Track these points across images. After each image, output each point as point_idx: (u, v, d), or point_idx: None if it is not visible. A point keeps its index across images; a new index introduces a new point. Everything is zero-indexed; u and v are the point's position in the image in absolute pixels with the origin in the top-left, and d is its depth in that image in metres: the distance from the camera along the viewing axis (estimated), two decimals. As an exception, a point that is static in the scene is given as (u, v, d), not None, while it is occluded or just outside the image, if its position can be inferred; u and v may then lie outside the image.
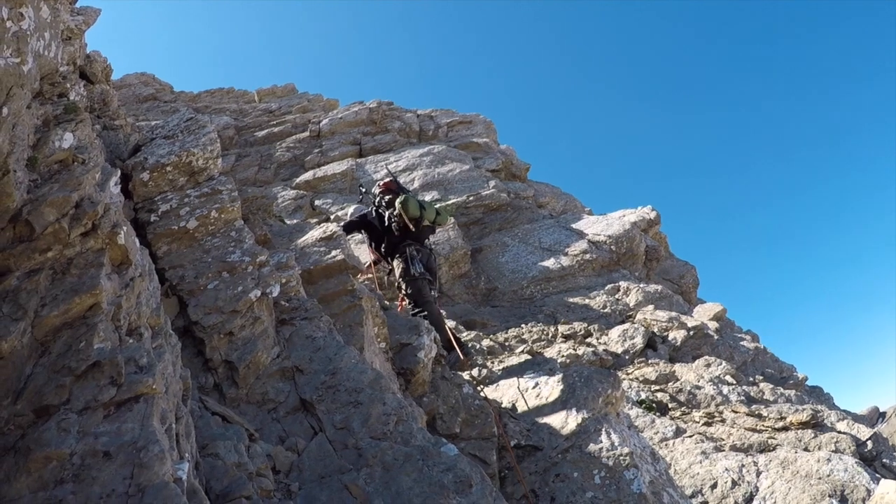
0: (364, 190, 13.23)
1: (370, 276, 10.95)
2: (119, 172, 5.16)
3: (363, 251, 12.02)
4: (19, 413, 3.07)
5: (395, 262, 10.21)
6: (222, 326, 5.53)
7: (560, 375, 7.59)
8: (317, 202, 22.32)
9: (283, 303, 6.33)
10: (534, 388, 7.80)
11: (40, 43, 3.79)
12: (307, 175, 24.55)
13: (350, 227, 10.81)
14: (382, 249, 10.50)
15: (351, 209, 11.95)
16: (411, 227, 10.04)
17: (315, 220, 17.68)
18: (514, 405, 7.68)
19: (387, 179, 11.24)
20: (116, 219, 4.01)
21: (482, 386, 8.42)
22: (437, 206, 10.97)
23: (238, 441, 4.09)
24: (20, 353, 3.19)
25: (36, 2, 3.65)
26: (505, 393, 8.12)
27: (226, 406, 5.05)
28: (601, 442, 6.41)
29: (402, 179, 23.00)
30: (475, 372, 9.44)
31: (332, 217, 20.31)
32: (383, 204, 10.59)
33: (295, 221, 12.29)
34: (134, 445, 2.74)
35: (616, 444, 6.36)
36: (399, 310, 9.64)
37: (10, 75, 3.20)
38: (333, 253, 7.78)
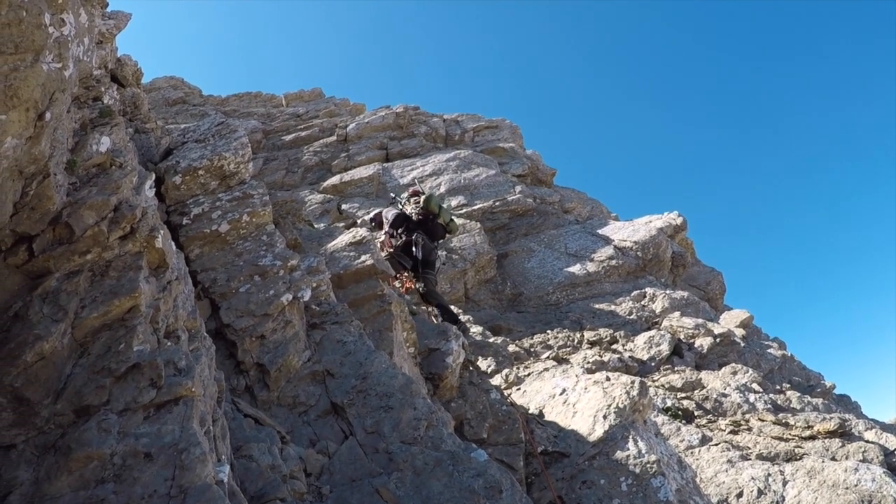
0: (394, 196, 13.94)
1: (405, 284, 11.21)
2: (154, 176, 5.23)
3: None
4: (59, 412, 3.12)
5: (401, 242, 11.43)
6: (254, 329, 5.58)
7: (587, 382, 7.57)
8: (343, 206, 22.34)
9: (314, 307, 6.36)
10: (561, 394, 7.78)
11: (80, 48, 3.84)
12: (334, 179, 24.58)
13: (394, 226, 11.77)
14: (397, 233, 11.64)
15: (374, 212, 13.03)
16: (424, 215, 11.57)
17: (342, 225, 17.73)
18: (541, 411, 7.66)
19: (415, 187, 12.93)
20: (154, 222, 4.07)
21: (509, 392, 8.43)
22: (453, 215, 12.54)
23: (272, 444, 4.12)
24: (60, 353, 3.23)
25: (76, 7, 3.70)
26: (532, 399, 8.10)
27: (257, 408, 5.08)
28: (628, 449, 6.37)
29: (428, 184, 23.00)
30: (502, 377, 9.66)
31: (358, 221, 20.36)
32: (409, 201, 12.03)
33: (322, 225, 12.34)
34: (175, 447, 2.77)
35: (643, 451, 6.33)
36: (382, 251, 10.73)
37: (52, 80, 3.25)
38: (363, 258, 7.81)
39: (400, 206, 12.16)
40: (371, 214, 13.05)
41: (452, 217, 12.18)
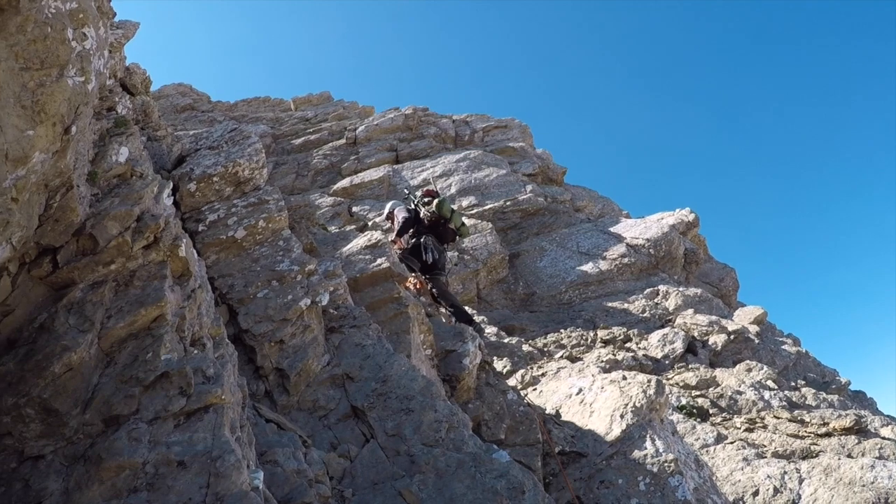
0: (408, 192, 13.96)
1: (415, 285, 11.25)
2: (171, 184, 5.26)
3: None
4: (88, 422, 3.15)
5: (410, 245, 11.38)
6: (273, 335, 5.61)
7: (603, 381, 7.57)
8: (354, 209, 22.40)
9: (332, 311, 6.39)
10: (577, 394, 7.78)
11: (100, 61, 3.88)
12: (344, 182, 24.65)
13: (404, 228, 11.71)
14: (407, 235, 11.60)
15: (388, 204, 13.01)
16: (435, 219, 11.49)
17: (352, 227, 17.75)
18: (557, 411, 7.66)
19: (429, 187, 12.94)
20: (177, 231, 4.10)
21: (526, 392, 8.43)
22: (463, 217, 12.71)
23: (295, 448, 4.15)
24: (88, 363, 3.27)
25: (96, 21, 3.74)
26: (548, 399, 8.11)
27: (277, 413, 5.11)
28: (646, 448, 6.37)
29: (438, 185, 23.04)
30: (518, 377, 9.65)
31: (369, 223, 20.38)
32: (422, 202, 11.94)
33: (334, 228, 12.39)
34: (208, 455, 2.79)
35: (661, 450, 6.33)
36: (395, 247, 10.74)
37: (77, 94, 3.29)
38: (379, 261, 7.84)
39: (413, 204, 12.16)
40: (385, 212, 13.10)
41: (464, 221, 12.22)
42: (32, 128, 2.93)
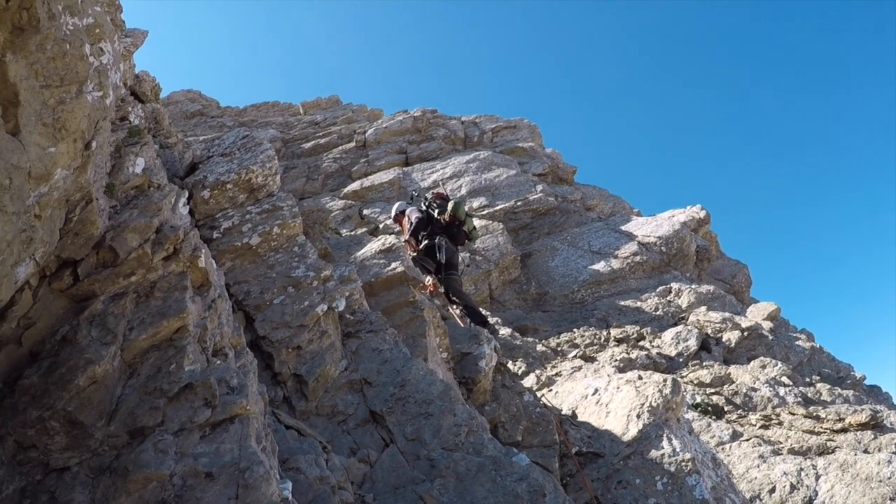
0: (416, 194, 13.99)
1: (428, 287, 11.28)
2: (187, 193, 5.30)
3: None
4: (113, 434, 3.18)
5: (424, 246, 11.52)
6: (290, 341, 5.63)
7: (619, 381, 7.57)
8: (365, 211, 22.43)
9: (348, 316, 6.42)
10: (593, 394, 7.78)
11: (117, 75, 3.92)
12: (354, 185, 24.68)
13: (417, 229, 11.85)
14: (420, 237, 11.72)
15: (395, 206, 13.22)
16: (451, 221, 11.70)
17: (364, 230, 17.77)
18: (574, 412, 7.66)
19: (439, 190, 13.37)
20: (196, 242, 4.13)
21: (542, 393, 8.44)
22: (475, 222, 13.05)
23: (317, 455, 4.17)
24: (111, 375, 3.30)
25: (112, 35, 3.77)
26: (564, 399, 8.11)
27: (296, 419, 5.13)
28: (663, 448, 6.37)
29: (449, 186, 23.06)
30: (534, 378, 9.66)
31: (380, 226, 20.40)
32: (434, 205, 12.11)
33: (345, 232, 12.44)
34: (236, 466, 2.82)
35: (677, 449, 6.33)
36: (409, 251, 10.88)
37: (96, 110, 3.32)
38: (393, 265, 7.86)
39: (423, 206, 12.25)
40: (392, 213, 13.26)
41: (475, 225, 12.39)
42: (54, 145, 2.96)
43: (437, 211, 11.93)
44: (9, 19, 2.69)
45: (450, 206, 11.83)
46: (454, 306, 10.53)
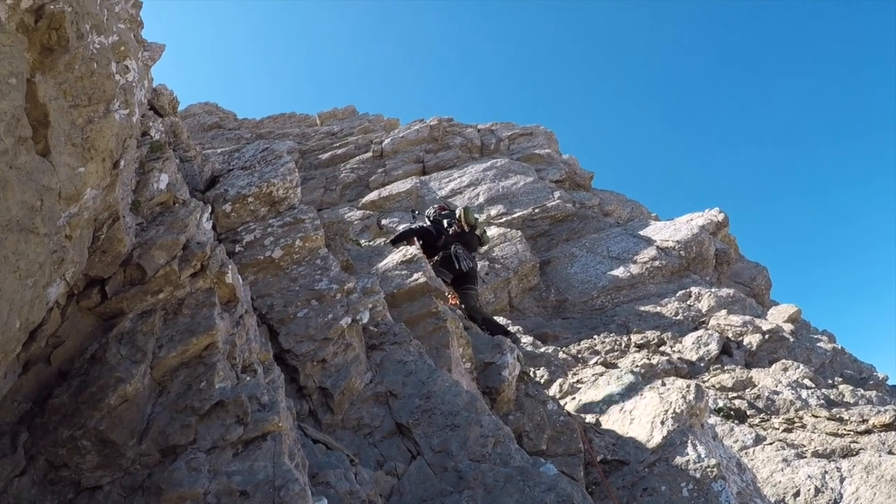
0: (416, 213, 14.19)
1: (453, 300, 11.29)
2: (210, 208, 5.31)
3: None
4: (145, 453, 3.18)
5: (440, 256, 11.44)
6: (315, 354, 5.62)
7: (643, 388, 7.54)
8: (383, 221, 22.48)
9: (372, 328, 6.41)
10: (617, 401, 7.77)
11: (141, 92, 3.93)
12: (372, 195, 24.76)
13: (409, 234, 11.84)
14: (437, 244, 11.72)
15: (400, 228, 13.48)
16: (466, 228, 11.72)
17: (383, 240, 17.77)
18: (597, 419, 7.63)
19: (441, 204, 13.29)
20: (222, 258, 4.13)
21: (565, 401, 8.41)
22: (488, 225, 12.66)
23: (346, 469, 4.16)
24: (142, 394, 3.30)
25: (136, 52, 3.79)
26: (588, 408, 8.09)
27: (323, 432, 5.12)
28: (687, 454, 6.34)
29: (466, 195, 23.13)
30: (557, 386, 9.65)
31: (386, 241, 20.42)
32: (441, 216, 12.24)
33: (364, 242, 12.46)
34: (271, 484, 2.81)
35: (702, 455, 6.30)
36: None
37: (124, 128, 3.33)
38: (415, 276, 7.85)
39: (431, 219, 12.33)
40: (392, 237, 13.23)
41: (485, 229, 12.44)
42: (83, 164, 2.97)
43: (445, 221, 11.98)
44: (38, 40, 2.70)
45: (458, 212, 11.89)
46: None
